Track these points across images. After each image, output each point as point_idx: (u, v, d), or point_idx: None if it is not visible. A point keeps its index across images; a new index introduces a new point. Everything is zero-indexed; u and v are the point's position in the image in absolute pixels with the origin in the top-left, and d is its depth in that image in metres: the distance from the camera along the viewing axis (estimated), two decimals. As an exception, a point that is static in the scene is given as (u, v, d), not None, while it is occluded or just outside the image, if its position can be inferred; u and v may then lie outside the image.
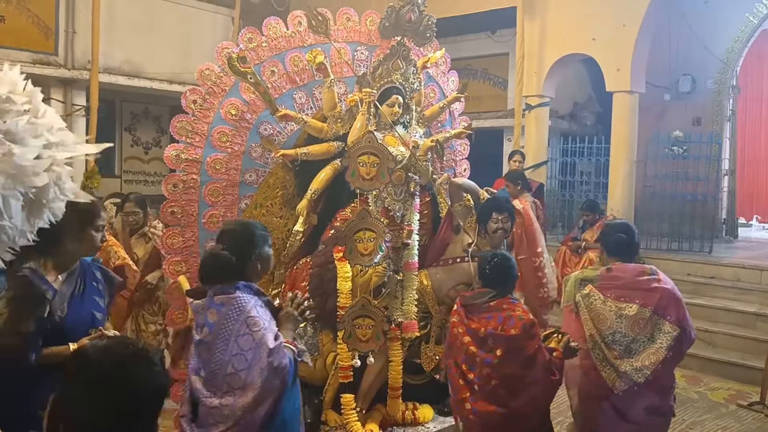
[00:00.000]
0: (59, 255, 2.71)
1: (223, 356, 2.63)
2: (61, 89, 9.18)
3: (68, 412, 1.35)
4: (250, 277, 2.85)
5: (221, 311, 2.67)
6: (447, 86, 5.38)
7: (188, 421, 2.70)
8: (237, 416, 2.58)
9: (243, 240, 2.86)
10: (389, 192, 4.54)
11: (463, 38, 10.76)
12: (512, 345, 3.31)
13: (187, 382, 2.78)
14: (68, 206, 2.53)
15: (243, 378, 2.60)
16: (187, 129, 4.35)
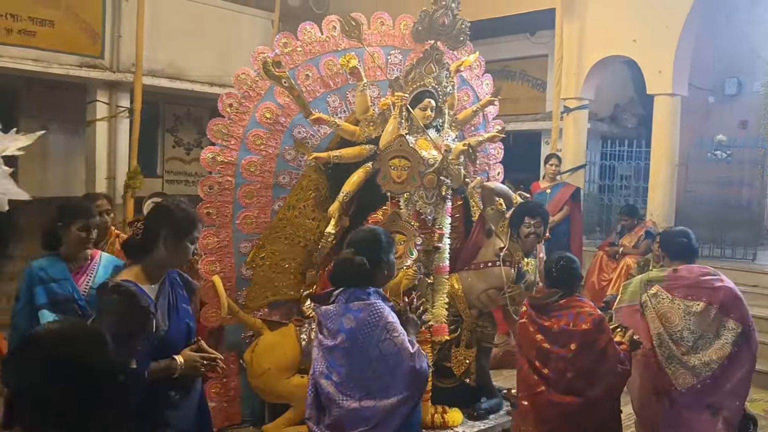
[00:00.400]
0: (153, 265, 2.65)
1: (362, 361, 2.72)
2: (106, 91, 9.40)
3: (25, 396, 1.35)
4: (379, 283, 2.94)
5: (359, 317, 2.74)
6: (481, 89, 5.38)
7: (315, 423, 2.80)
8: (378, 418, 2.68)
9: (374, 247, 2.94)
10: (421, 195, 4.56)
11: (500, 40, 10.68)
12: (585, 339, 3.50)
13: (310, 386, 2.86)
14: (168, 214, 2.61)
15: (386, 381, 2.71)
16: (223, 132, 4.44)
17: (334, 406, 2.75)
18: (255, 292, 4.59)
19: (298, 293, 4.71)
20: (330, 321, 2.82)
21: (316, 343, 2.89)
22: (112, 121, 9.46)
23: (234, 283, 4.52)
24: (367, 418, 2.69)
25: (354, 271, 2.85)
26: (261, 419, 4.52)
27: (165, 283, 2.69)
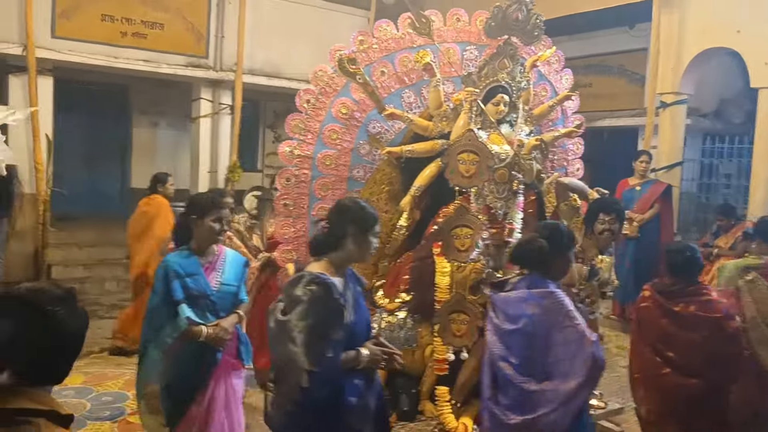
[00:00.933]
0: (340, 259, 2.71)
1: (544, 345, 2.88)
2: (209, 89, 9.95)
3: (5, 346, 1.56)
4: (553, 274, 3.05)
5: (543, 304, 2.90)
6: (559, 84, 5.32)
7: (495, 404, 2.98)
8: (560, 400, 2.82)
9: (556, 237, 3.07)
10: (491, 190, 4.59)
11: (597, 34, 10.37)
12: (716, 325, 3.66)
13: (487, 368, 3.04)
14: (353, 212, 2.72)
15: (567, 366, 2.85)
16: (300, 127, 4.66)
17: (512, 387, 2.89)
18: (329, 281, 4.77)
19: (370, 283, 4.85)
20: (511, 307, 2.98)
21: (491, 327, 3.05)
22: (214, 117, 10.01)
23: (307, 271, 4.72)
24: (549, 400, 2.83)
25: (534, 252, 3.01)
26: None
27: (347, 277, 2.77)
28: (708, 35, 7.96)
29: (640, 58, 9.70)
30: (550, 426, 2.83)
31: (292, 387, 2.51)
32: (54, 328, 1.58)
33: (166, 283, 3.27)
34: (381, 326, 4.60)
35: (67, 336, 1.61)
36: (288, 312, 2.55)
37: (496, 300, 3.08)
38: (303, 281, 2.57)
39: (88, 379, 5.41)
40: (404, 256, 4.81)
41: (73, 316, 1.62)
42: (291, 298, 2.56)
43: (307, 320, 2.50)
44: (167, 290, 3.27)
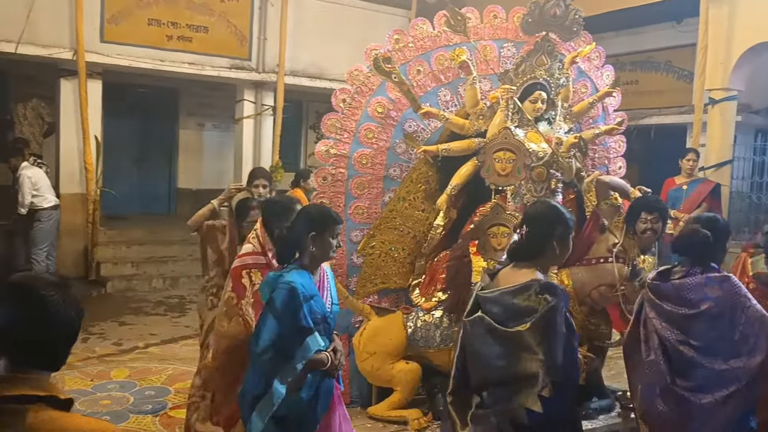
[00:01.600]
0: (546, 263, 2.74)
1: (730, 324, 3.06)
2: (253, 91, 10.11)
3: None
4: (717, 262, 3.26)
5: (724, 287, 3.08)
6: (600, 81, 5.22)
7: (681, 388, 3.11)
8: (749, 377, 3.00)
9: (721, 230, 3.27)
10: (529, 188, 4.54)
11: (645, 30, 10.15)
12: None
13: (659, 354, 3.15)
14: (558, 218, 2.73)
15: (752, 343, 3.02)
16: (336, 126, 4.69)
17: (698, 369, 3.06)
18: (365, 280, 4.81)
19: (406, 282, 4.86)
20: (691, 292, 3.13)
21: (658, 315, 3.19)
22: (257, 118, 10.16)
23: (345, 270, 4.75)
24: (738, 377, 3.00)
25: (698, 242, 3.17)
26: (368, 401, 4.73)
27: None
28: (759, 29, 7.71)
29: (688, 53, 9.46)
30: (743, 401, 3.02)
31: (528, 400, 2.48)
32: (49, 313, 1.60)
33: (293, 308, 2.87)
34: (417, 325, 4.60)
35: (62, 322, 1.63)
36: (510, 322, 2.53)
37: (664, 288, 3.22)
38: (532, 290, 2.54)
39: (133, 374, 5.56)
40: (441, 255, 4.79)
41: (67, 302, 1.64)
42: (517, 308, 2.53)
43: (550, 330, 2.51)
44: (295, 317, 2.88)
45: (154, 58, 9.05)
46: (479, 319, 2.62)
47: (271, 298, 2.90)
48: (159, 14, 9.10)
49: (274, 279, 2.94)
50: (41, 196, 7.66)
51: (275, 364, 2.91)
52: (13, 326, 1.59)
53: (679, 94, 9.88)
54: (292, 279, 2.89)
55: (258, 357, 2.92)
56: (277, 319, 2.88)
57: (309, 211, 3.16)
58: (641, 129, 9.80)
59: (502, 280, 2.72)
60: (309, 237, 2.95)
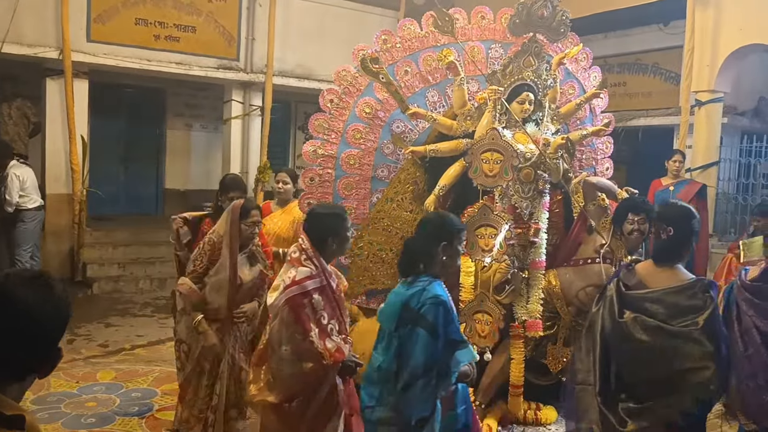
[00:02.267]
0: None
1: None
2: (241, 91, 10.06)
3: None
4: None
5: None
6: (587, 82, 5.24)
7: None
8: None
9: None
10: (516, 189, 4.54)
11: (632, 32, 10.19)
12: None
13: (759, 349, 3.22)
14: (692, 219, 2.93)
15: None
16: (324, 126, 4.67)
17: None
18: (353, 281, 4.78)
19: (394, 283, 4.80)
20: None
21: (755, 313, 3.23)
22: (245, 119, 10.12)
23: (333, 270, 4.73)
24: None
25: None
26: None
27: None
28: (744, 32, 7.76)
29: (675, 55, 9.51)
30: None
31: (697, 390, 2.74)
32: (11, 312, 1.42)
33: (447, 322, 2.86)
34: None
35: (28, 322, 1.44)
36: (673, 320, 2.74)
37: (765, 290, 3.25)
38: (697, 288, 2.75)
39: (119, 375, 5.51)
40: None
41: (40, 300, 1.46)
42: (681, 306, 2.73)
43: (718, 326, 2.76)
44: (448, 330, 2.87)
45: (141, 57, 9.00)
46: (635, 319, 2.77)
47: (421, 316, 2.83)
48: (146, 14, 9.04)
49: (415, 296, 2.88)
50: (27, 196, 7.58)
51: (438, 382, 2.87)
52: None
53: (666, 96, 9.93)
54: (438, 293, 2.87)
55: (421, 378, 2.82)
56: (433, 335, 2.82)
57: (437, 220, 3.12)
58: (629, 130, 9.84)
59: (650, 281, 2.90)
60: (440, 247, 2.94)
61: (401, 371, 2.87)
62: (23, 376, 1.49)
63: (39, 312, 1.45)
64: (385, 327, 3.04)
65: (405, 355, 2.86)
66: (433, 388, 2.86)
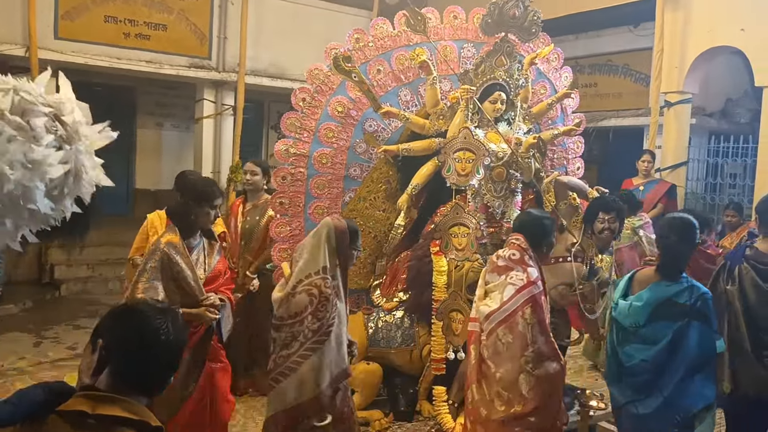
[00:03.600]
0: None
1: None
2: (213, 90, 9.95)
3: (115, 351, 1.68)
4: None
5: None
6: (559, 82, 5.27)
7: None
8: None
9: None
10: (489, 188, 4.56)
11: (603, 33, 10.32)
12: None
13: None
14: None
15: None
16: (296, 125, 4.64)
17: None
18: (325, 280, 4.75)
19: (367, 283, 4.84)
20: None
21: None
22: (217, 118, 10.02)
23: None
24: None
25: None
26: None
27: None
28: (712, 34, 7.90)
29: (645, 57, 9.64)
30: None
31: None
32: (158, 340, 1.66)
33: (714, 314, 3.32)
34: (378, 326, 4.58)
35: (167, 349, 1.68)
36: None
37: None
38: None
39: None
40: (402, 255, 4.78)
41: (174, 330, 1.69)
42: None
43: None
44: (714, 322, 3.32)
45: (111, 56, 8.85)
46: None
47: (696, 310, 3.15)
48: (116, 11, 8.89)
49: (683, 292, 3.18)
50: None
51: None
52: (123, 345, 1.64)
53: (636, 97, 10.07)
54: (705, 289, 3.25)
55: (701, 367, 3.15)
56: (709, 327, 3.17)
57: (692, 224, 3.36)
58: (600, 131, 9.96)
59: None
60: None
61: (675, 363, 3.14)
62: (152, 395, 1.72)
63: (173, 340, 1.69)
64: (629, 322, 3.26)
65: (682, 347, 3.12)
66: (713, 375, 3.19)
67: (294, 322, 3.24)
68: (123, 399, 1.59)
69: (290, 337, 3.25)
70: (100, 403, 1.57)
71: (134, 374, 1.64)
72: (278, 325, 3.32)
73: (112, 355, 1.64)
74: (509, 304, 3.19)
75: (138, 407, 1.61)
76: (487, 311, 3.25)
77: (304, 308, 3.22)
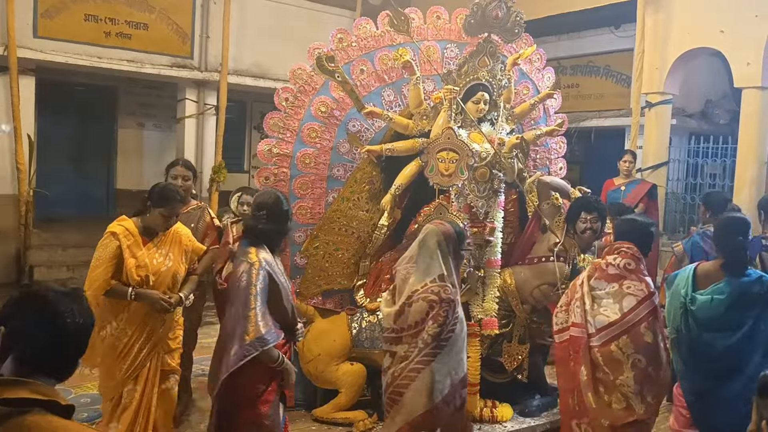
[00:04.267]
0: None
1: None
2: (195, 90, 9.90)
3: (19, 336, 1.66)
4: None
5: None
6: (541, 83, 5.29)
7: None
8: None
9: None
10: (472, 188, 4.57)
11: (585, 34, 10.41)
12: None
13: None
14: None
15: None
16: (279, 125, 4.62)
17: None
18: (309, 281, 4.75)
19: (351, 283, 4.82)
20: None
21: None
22: (199, 118, 9.96)
23: (288, 271, 4.66)
24: None
25: None
26: (313, 403, 4.67)
27: None
28: (692, 35, 7.98)
29: (626, 58, 9.72)
30: None
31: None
32: (62, 322, 1.65)
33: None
34: (362, 326, 4.57)
35: (72, 331, 1.67)
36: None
37: None
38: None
39: (68, 381, 5.32)
40: (385, 256, 4.78)
41: (80, 312, 1.69)
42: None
43: None
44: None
45: (91, 55, 8.77)
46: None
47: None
48: (96, 10, 8.82)
49: (754, 283, 3.47)
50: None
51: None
52: (25, 331, 1.63)
53: (617, 98, 10.15)
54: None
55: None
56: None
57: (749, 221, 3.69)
58: (582, 131, 10.02)
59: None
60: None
61: (754, 346, 3.43)
62: (62, 379, 1.72)
63: (79, 322, 1.68)
64: (710, 314, 3.47)
65: (759, 331, 3.43)
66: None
67: (416, 332, 3.23)
68: (30, 381, 1.59)
69: (412, 347, 3.24)
70: (6, 387, 1.56)
71: (40, 359, 1.63)
72: (396, 338, 3.30)
73: (16, 340, 1.63)
74: (631, 315, 3.35)
75: (46, 388, 1.60)
76: (605, 321, 3.39)
77: (425, 314, 3.22)
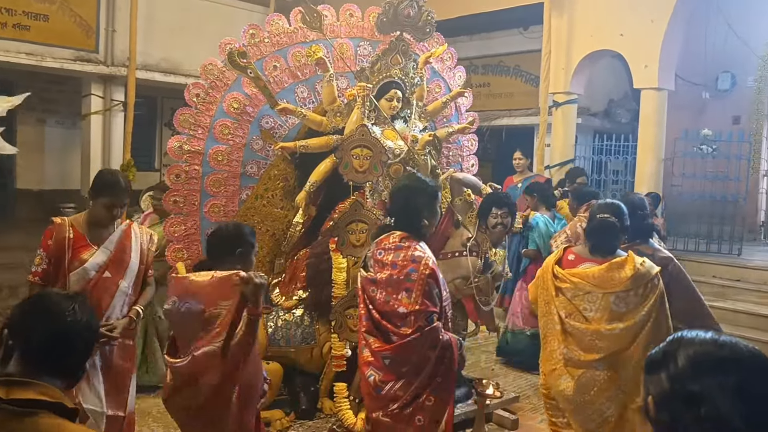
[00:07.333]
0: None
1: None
2: (101, 85, 9.54)
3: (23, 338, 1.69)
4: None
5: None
6: (453, 81, 5.40)
7: None
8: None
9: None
10: (386, 185, 4.60)
11: (495, 35, 10.71)
12: None
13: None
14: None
15: None
16: (190, 121, 4.51)
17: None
18: (222, 279, 4.65)
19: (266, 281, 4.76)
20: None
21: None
22: (106, 114, 9.60)
23: (201, 270, 4.57)
24: None
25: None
26: (228, 404, 4.58)
27: None
28: (594, 38, 8.35)
29: (535, 58, 10.05)
30: None
31: None
32: (69, 324, 1.68)
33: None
34: (278, 324, 4.53)
35: (78, 333, 1.70)
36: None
37: None
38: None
39: None
40: (301, 253, 4.75)
41: (84, 314, 1.72)
42: None
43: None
44: None
45: (-14, 46, 8.30)
46: None
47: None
48: (-9, -1, 8.35)
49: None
50: None
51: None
52: (27, 324, 1.67)
53: (527, 97, 10.49)
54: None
55: None
56: None
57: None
58: (493, 129, 10.31)
59: None
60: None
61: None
62: (69, 380, 1.72)
63: (81, 321, 1.72)
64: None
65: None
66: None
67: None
68: (37, 383, 1.59)
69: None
70: (14, 387, 1.56)
71: (43, 356, 1.64)
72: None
73: (20, 341, 1.65)
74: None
75: (52, 390, 1.60)
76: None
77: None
